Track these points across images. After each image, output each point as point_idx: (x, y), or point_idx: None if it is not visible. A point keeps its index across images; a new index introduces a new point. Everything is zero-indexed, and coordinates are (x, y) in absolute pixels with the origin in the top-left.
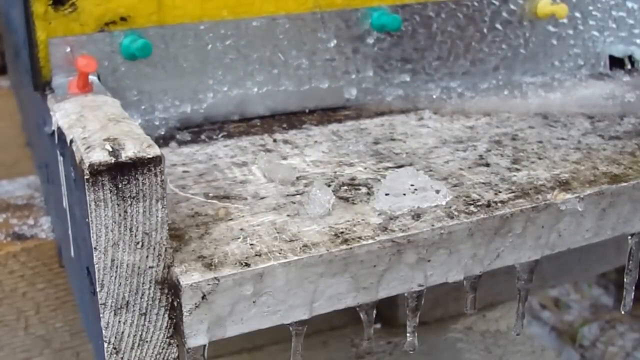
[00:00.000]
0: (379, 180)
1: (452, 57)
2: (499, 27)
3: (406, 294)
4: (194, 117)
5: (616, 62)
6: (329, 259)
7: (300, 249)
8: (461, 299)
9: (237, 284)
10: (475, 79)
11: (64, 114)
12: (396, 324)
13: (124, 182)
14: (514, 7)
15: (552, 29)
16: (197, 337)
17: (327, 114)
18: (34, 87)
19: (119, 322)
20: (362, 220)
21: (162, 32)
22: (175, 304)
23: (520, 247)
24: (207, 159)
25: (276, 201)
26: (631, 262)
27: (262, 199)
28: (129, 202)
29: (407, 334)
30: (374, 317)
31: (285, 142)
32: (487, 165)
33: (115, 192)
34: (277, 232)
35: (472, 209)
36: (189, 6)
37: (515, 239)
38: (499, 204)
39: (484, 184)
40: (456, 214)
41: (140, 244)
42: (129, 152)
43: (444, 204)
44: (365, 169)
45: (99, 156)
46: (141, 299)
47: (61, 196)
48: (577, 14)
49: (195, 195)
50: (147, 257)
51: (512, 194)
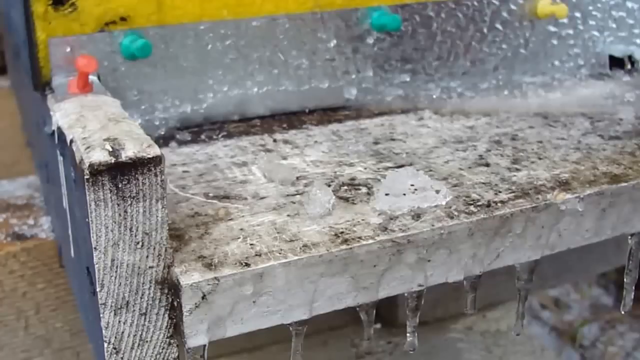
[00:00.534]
0: (379, 180)
1: (452, 57)
2: (499, 27)
3: (406, 294)
4: (194, 117)
5: (616, 62)
6: (329, 259)
7: (300, 249)
8: (461, 299)
9: (237, 284)
10: (475, 79)
11: (64, 113)
12: (396, 324)
13: (124, 182)
14: (514, 7)
15: (552, 29)
16: (197, 337)
17: (327, 114)
18: (34, 87)
19: (119, 322)
20: (362, 220)
21: (162, 32)
22: (175, 304)
23: (520, 247)
24: (207, 159)
25: (276, 201)
26: (631, 262)
27: (262, 199)
28: (129, 202)
29: (407, 334)
30: (374, 317)
31: (285, 142)
32: (487, 165)
33: (115, 192)
34: (277, 232)
35: (472, 209)
36: (188, 6)
37: (515, 239)
38: (499, 204)
39: (484, 184)
40: (456, 214)
41: (140, 244)
42: (129, 152)
43: (444, 204)
44: (365, 169)
45: (99, 156)
46: (141, 299)
47: (61, 196)
48: (577, 14)
49: (195, 195)
50: (147, 257)
51: (512, 194)
